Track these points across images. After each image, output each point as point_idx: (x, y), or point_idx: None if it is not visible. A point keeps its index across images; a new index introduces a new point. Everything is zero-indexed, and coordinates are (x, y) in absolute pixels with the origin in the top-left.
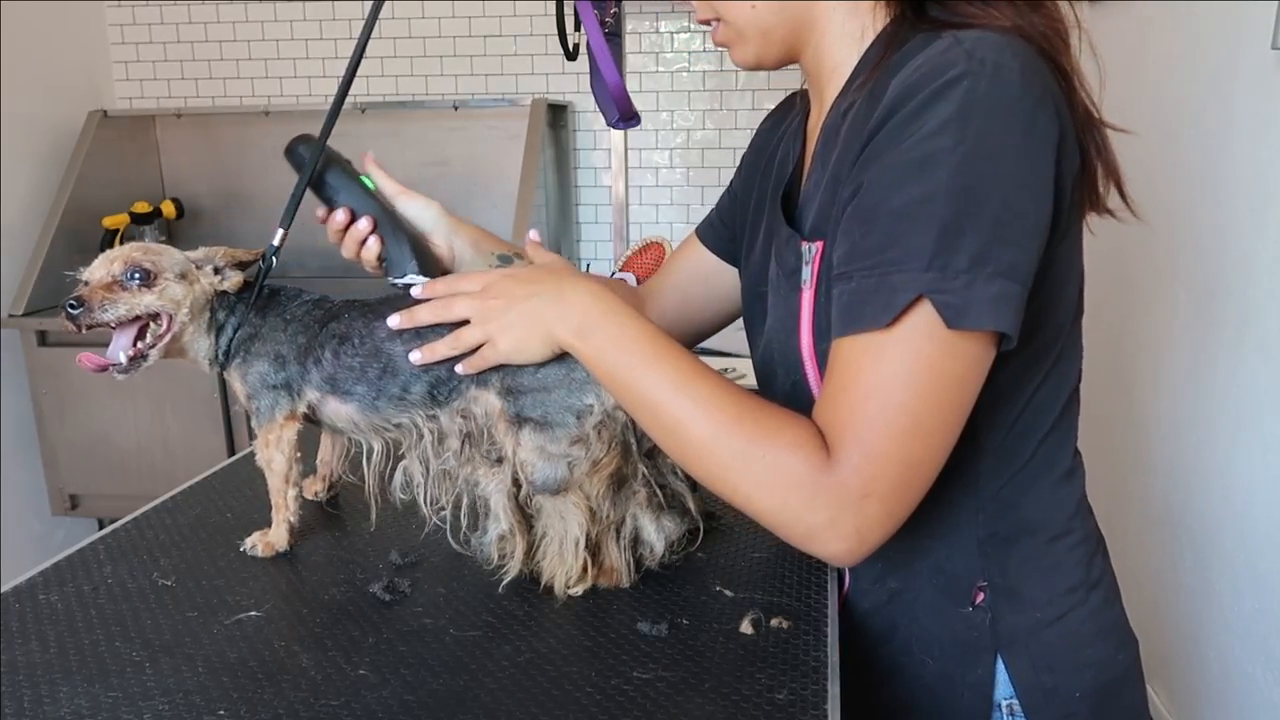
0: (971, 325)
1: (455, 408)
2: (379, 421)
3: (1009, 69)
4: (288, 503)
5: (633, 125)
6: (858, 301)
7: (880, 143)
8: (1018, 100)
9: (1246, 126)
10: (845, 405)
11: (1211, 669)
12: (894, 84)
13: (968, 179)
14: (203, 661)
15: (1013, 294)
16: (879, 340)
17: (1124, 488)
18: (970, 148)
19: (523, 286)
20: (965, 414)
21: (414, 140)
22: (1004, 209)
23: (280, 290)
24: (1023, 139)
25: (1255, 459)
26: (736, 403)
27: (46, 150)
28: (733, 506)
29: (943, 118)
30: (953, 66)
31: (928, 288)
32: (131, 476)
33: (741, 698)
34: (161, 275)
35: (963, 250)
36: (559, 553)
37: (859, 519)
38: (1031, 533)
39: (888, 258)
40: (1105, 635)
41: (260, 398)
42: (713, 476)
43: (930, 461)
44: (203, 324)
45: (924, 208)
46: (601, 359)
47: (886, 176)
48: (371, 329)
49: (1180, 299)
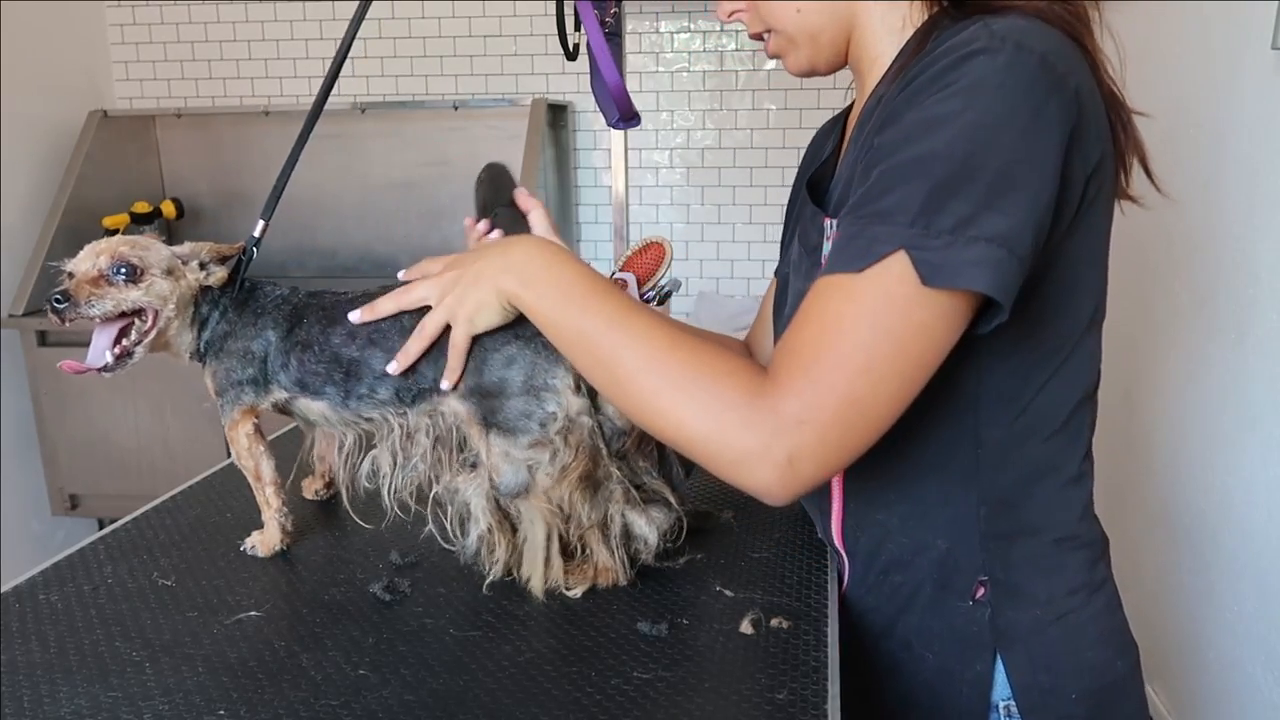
0: (946, 283)
1: (423, 409)
2: (350, 417)
3: (1029, 50)
4: (269, 500)
5: (633, 125)
6: (842, 244)
7: (898, 107)
8: (1032, 81)
9: (1246, 126)
10: (802, 336)
11: (1211, 669)
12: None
13: (968, 144)
14: (203, 661)
15: (996, 259)
16: (851, 281)
17: (1124, 488)
18: (976, 115)
19: (474, 254)
20: (924, 371)
21: (414, 140)
22: (999, 178)
23: (259, 286)
24: (1030, 118)
25: (1255, 459)
26: (671, 334)
27: (46, 150)
28: (670, 445)
29: (956, 86)
30: (975, 41)
31: (908, 242)
32: (131, 476)
33: (741, 698)
34: (148, 271)
35: (950, 211)
36: (531, 555)
37: (791, 445)
38: (1034, 533)
39: (876, 208)
40: (1106, 640)
41: (225, 394)
42: (646, 407)
43: (876, 406)
44: (186, 318)
45: (920, 165)
46: (541, 303)
47: (896, 135)
48: (328, 335)
49: (1180, 299)
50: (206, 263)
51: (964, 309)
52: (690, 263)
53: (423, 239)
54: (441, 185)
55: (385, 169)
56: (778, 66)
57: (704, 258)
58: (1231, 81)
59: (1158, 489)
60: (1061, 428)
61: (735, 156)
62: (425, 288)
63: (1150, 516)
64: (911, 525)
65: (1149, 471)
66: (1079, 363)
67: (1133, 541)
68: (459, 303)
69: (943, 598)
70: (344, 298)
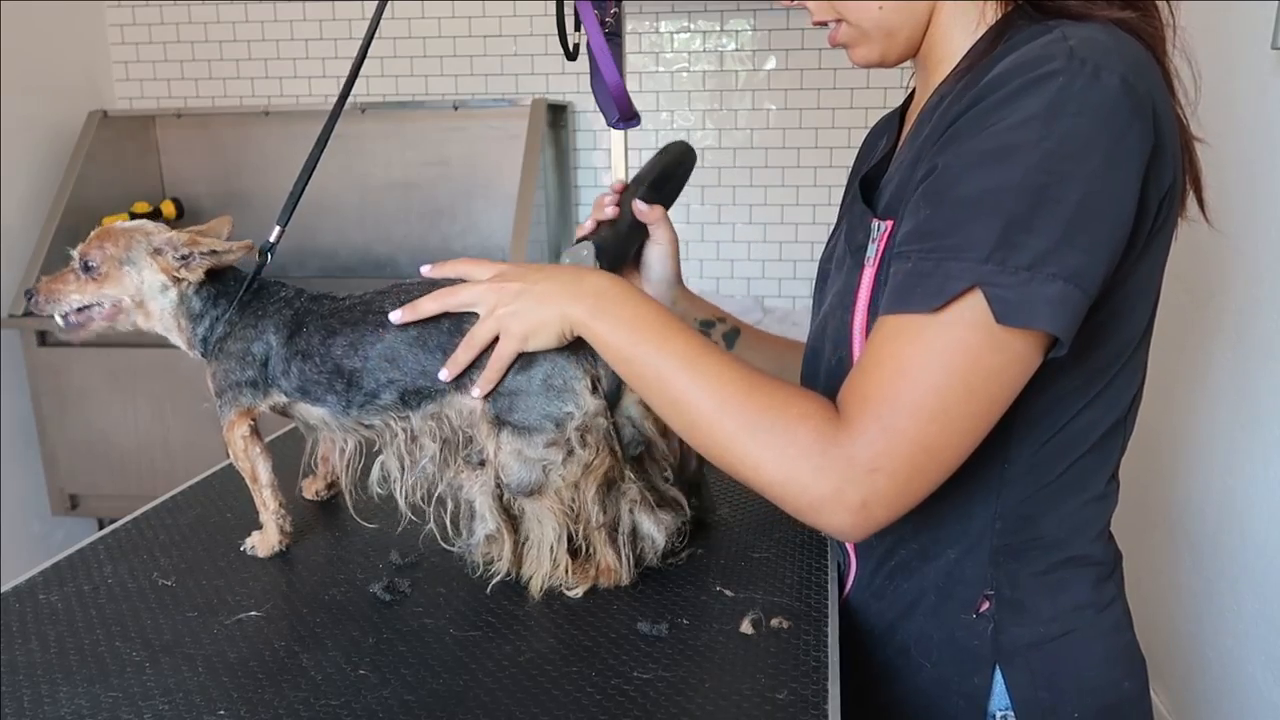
0: (1022, 323)
1: (427, 412)
2: (350, 424)
3: (1109, 73)
4: (265, 501)
5: (633, 125)
6: (910, 283)
7: (963, 127)
8: (1113, 106)
9: (1246, 126)
10: (873, 380)
11: (1211, 669)
12: (993, 72)
13: (1045, 176)
14: (203, 661)
15: (1072, 299)
16: (922, 323)
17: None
18: (1054, 145)
19: (538, 271)
20: (997, 411)
21: (414, 140)
22: (1079, 212)
23: (265, 287)
24: (1111, 145)
25: (1255, 459)
26: (746, 377)
27: (46, 150)
28: (744, 484)
29: (1030, 111)
30: (1051, 60)
31: (983, 279)
32: (131, 476)
33: (741, 698)
34: (111, 265)
35: (1027, 247)
36: (537, 556)
37: (866, 492)
38: (1046, 549)
39: (948, 243)
40: (1112, 660)
41: (223, 395)
42: (720, 449)
43: (948, 450)
44: (167, 307)
45: (994, 198)
46: (613, 337)
47: (962, 161)
48: (329, 347)
49: (1180, 299)
50: (189, 255)
51: (1037, 348)
52: (690, 263)
53: (422, 239)
54: (441, 185)
55: (385, 169)
56: (777, 66)
57: (704, 258)
58: (1231, 81)
59: (1158, 489)
60: (1092, 449)
61: (735, 156)
62: (475, 293)
63: (1150, 516)
64: (925, 533)
65: (1149, 472)
66: (1123, 384)
67: (1133, 542)
68: (514, 318)
69: (945, 608)
70: (343, 304)
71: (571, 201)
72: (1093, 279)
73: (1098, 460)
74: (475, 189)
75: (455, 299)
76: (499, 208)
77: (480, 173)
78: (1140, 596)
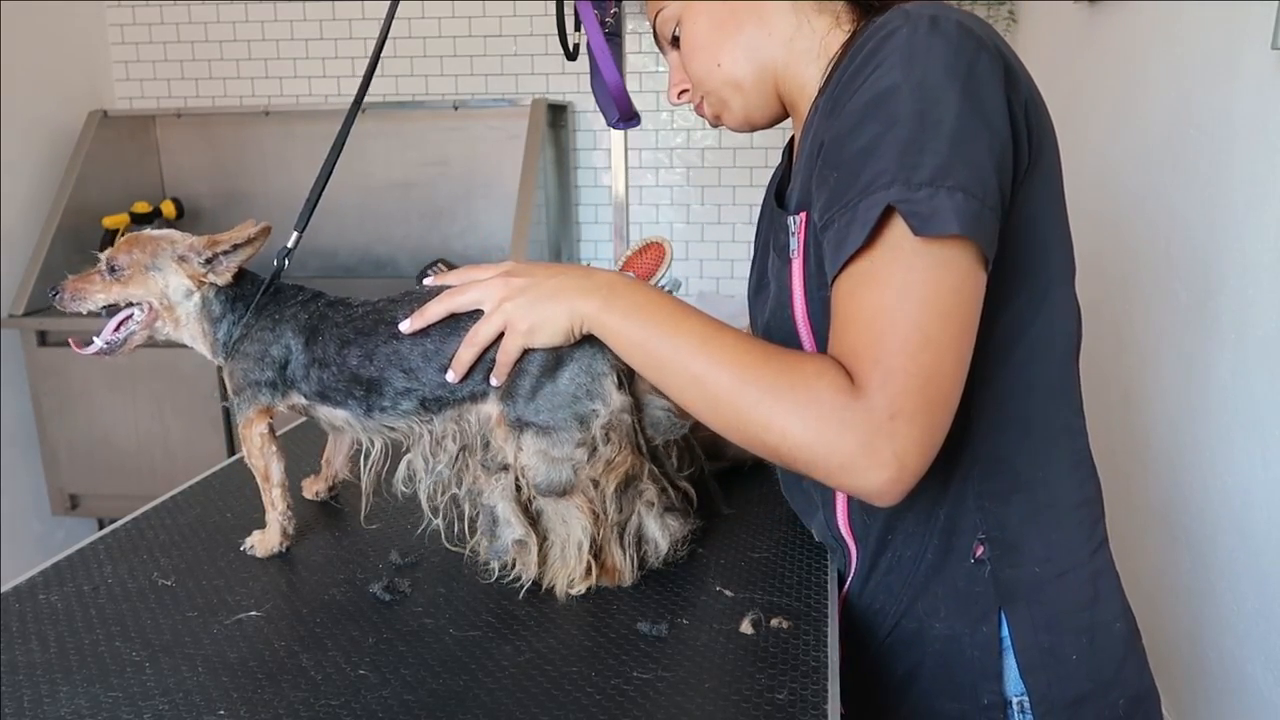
0: (938, 230)
1: (449, 415)
2: (375, 426)
3: (945, 20)
4: (274, 501)
5: (633, 125)
6: (840, 235)
7: (839, 97)
8: (958, 41)
9: (1246, 126)
10: (854, 333)
11: (1211, 669)
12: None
13: (920, 104)
14: (203, 661)
15: (974, 206)
16: (867, 268)
17: (1124, 488)
18: (919, 78)
19: (546, 269)
20: (971, 329)
21: (414, 140)
22: (959, 130)
23: (281, 289)
24: (967, 71)
25: (1254, 459)
26: (761, 347)
27: (46, 150)
28: (768, 457)
29: (889, 62)
30: (891, 23)
31: (894, 198)
32: (131, 476)
33: (741, 698)
34: (137, 269)
35: (923, 165)
36: (561, 555)
37: (894, 443)
38: (1026, 489)
39: (857, 187)
40: (1103, 601)
41: (241, 393)
42: (744, 420)
43: (946, 375)
44: (192, 311)
45: (883, 136)
46: (627, 327)
47: (846, 122)
48: (344, 356)
49: (1180, 299)
50: (212, 258)
51: (975, 261)
52: (690, 263)
53: (422, 239)
54: (441, 185)
55: (385, 169)
56: None
57: (704, 258)
58: (1231, 81)
59: (1158, 489)
60: (1048, 383)
61: (735, 156)
62: (480, 291)
63: (1150, 516)
64: (912, 497)
65: (1149, 471)
66: (1058, 318)
67: (1133, 541)
68: (520, 313)
69: (946, 563)
70: (357, 312)
71: (571, 201)
72: (989, 189)
73: (1055, 395)
74: (475, 189)
75: (460, 299)
76: (499, 208)
77: (480, 173)
78: (1140, 596)
